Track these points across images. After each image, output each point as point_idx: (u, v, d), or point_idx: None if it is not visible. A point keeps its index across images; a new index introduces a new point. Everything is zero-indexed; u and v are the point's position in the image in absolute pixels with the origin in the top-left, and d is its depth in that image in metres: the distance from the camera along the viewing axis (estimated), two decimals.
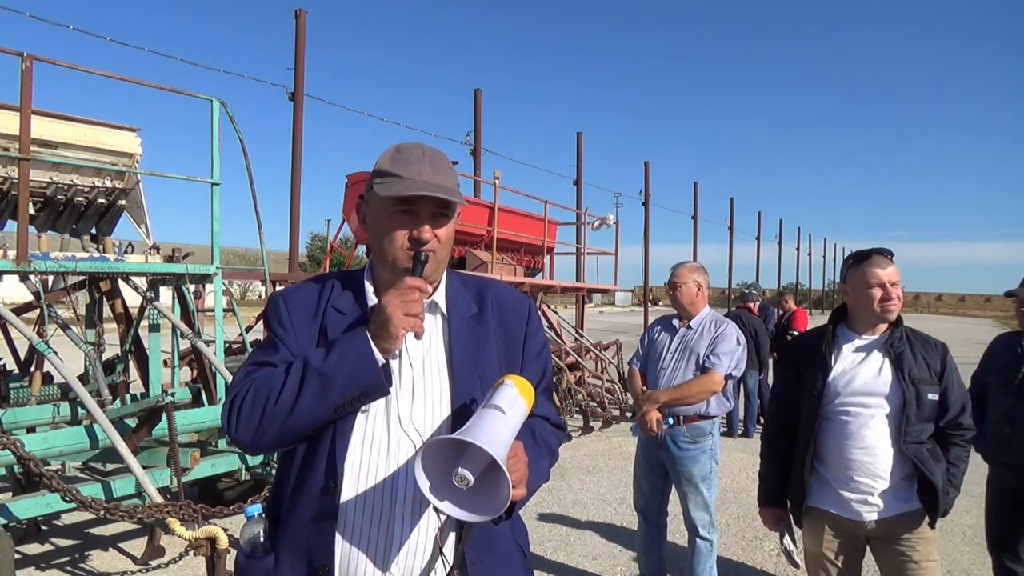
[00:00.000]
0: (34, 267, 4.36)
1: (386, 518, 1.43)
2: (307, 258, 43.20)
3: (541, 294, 11.40)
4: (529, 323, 1.65)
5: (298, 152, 10.64)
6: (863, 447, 2.55)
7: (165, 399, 4.31)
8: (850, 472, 2.57)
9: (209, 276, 5.26)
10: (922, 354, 2.60)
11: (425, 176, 1.45)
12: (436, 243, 1.49)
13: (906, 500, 2.56)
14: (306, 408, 1.39)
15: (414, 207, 1.47)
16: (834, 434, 2.60)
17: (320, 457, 1.45)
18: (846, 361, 2.64)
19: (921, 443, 2.54)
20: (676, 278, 3.92)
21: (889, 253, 2.64)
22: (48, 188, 5.03)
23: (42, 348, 4.37)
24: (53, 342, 4.54)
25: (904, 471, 2.55)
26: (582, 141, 19.96)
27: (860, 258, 2.65)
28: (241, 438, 1.44)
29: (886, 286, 2.56)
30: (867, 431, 2.55)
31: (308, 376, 1.39)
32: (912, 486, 2.56)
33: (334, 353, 1.41)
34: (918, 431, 2.54)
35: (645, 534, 4.05)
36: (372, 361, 1.39)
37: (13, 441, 3.62)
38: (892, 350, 2.59)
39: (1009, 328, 3.94)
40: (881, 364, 2.59)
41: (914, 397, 2.52)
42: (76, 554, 4.85)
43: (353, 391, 1.39)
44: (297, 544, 1.47)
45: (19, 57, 4.21)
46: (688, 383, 3.72)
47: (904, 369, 2.55)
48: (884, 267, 2.58)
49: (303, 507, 1.46)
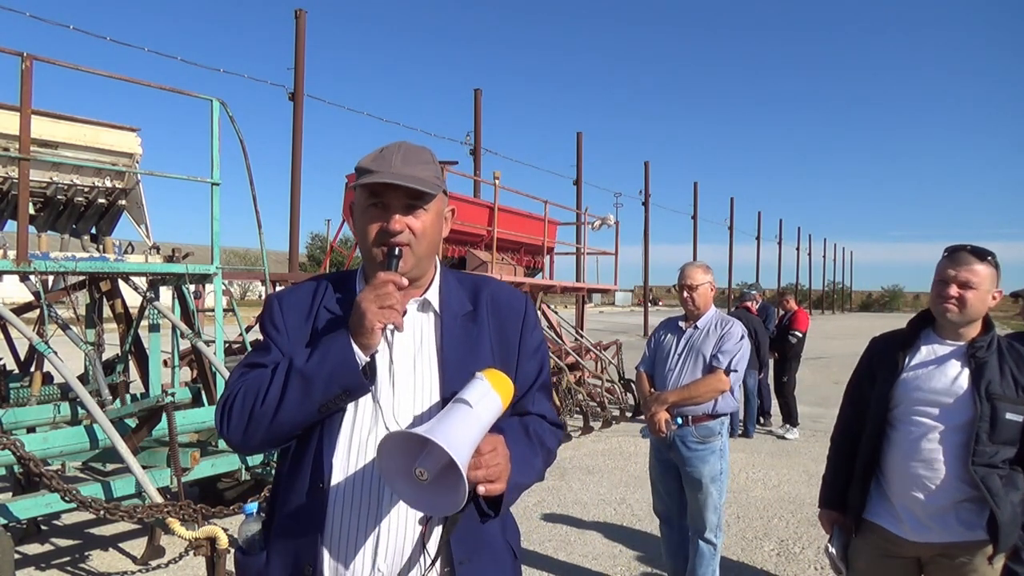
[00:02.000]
0: (34, 267, 4.36)
1: (373, 516, 1.44)
2: (307, 258, 43.22)
3: (541, 294, 11.40)
4: (525, 320, 1.64)
5: (298, 152, 10.65)
6: (922, 460, 2.33)
7: (165, 399, 4.31)
8: (907, 486, 2.36)
9: (209, 276, 5.26)
10: (1012, 369, 2.32)
11: (395, 168, 1.47)
12: (409, 234, 1.49)
13: (969, 527, 2.31)
14: (291, 408, 1.40)
15: (384, 199, 1.49)
16: (896, 443, 2.40)
17: (308, 456, 1.47)
18: (920, 366, 2.41)
19: (993, 467, 2.27)
20: (689, 279, 3.85)
21: (983, 253, 2.35)
22: (48, 188, 5.03)
23: (42, 348, 4.37)
24: (53, 342, 4.54)
25: (967, 493, 2.29)
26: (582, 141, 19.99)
27: (946, 253, 2.41)
28: (232, 438, 1.46)
29: (949, 283, 2.32)
30: (927, 443, 2.33)
31: (291, 377, 1.41)
32: (981, 512, 2.29)
33: (316, 353, 1.42)
34: (990, 452, 2.27)
35: (668, 538, 4.04)
36: (352, 360, 1.39)
37: (13, 441, 3.62)
38: (974, 359, 2.32)
39: (1010, 328, 3.92)
40: (958, 373, 2.34)
41: (988, 414, 2.26)
42: (76, 554, 4.85)
43: (334, 390, 1.39)
44: (286, 542, 1.48)
45: (19, 57, 4.21)
46: (696, 383, 3.72)
47: (982, 382, 2.29)
48: (959, 264, 2.32)
49: (293, 505, 1.48)
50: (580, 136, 20.13)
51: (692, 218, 29.83)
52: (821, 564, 4.75)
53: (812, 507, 5.15)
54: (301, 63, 10.68)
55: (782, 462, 7.65)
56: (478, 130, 15.60)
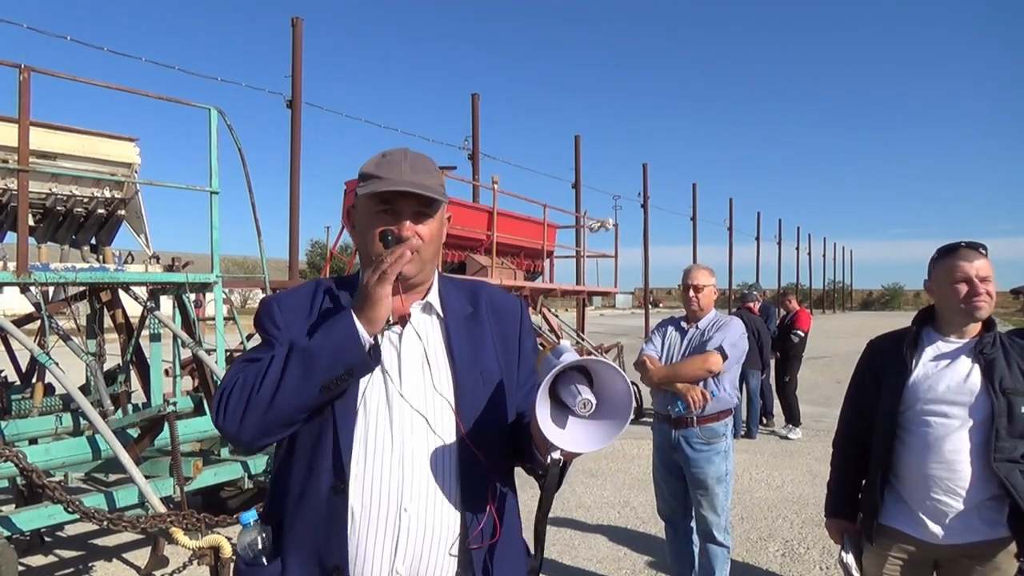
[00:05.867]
0: (34, 278, 4.36)
1: (394, 515, 1.44)
2: (307, 265, 43.19)
3: (542, 298, 11.40)
4: (523, 323, 1.69)
5: (297, 159, 10.66)
6: (942, 461, 2.29)
7: (167, 408, 4.31)
8: (927, 488, 2.32)
9: (209, 285, 5.26)
10: (1018, 362, 2.33)
11: (405, 175, 1.48)
12: (419, 241, 1.50)
13: (991, 525, 2.29)
14: (291, 388, 1.39)
15: (394, 206, 1.50)
16: (911, 445, 2.36)
17: (325, 457, 1.46)
18: (929, 366, 2.38)
19: (1016, 462, 2.26)
20: (695, 280, 3.89)
21: (980, 247, 2.36)
22: (47, 199, 5.03)
23: (43, 359, 4.37)
24: (54, 353, 4.54)
25: (990, 491, 2.27)
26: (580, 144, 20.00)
27: (946, 252, 2.39)
28: (228, 427, 1.43)
29: (973, 281, 2.29)
30: (947, 443, 2.29)
31: (292, 357, 1.40)
32: (1002, 509, 2.27)
33: (319, 333, 1.43)
34: (1010, 447, 2.25)
35: (674, 540, 4.04)
36: (356, 336, 1.39)
37: (15, 453, 3.62)
38: (983, 356, 2.32)
39: (1011, 324, 3.92)
40: (969, 370, 2.32)
41: (1004, 409, 2.25)
42: (80, 565, 4.84)
43: (337, 369, 1.39)
44: (306, 547, 1.47)
45: (17, 68, 4.22)
46: (684, 361, 3.78)
47: (995, 377, 2.28)
48: (972, 260, 2.31)
49: (311, 509, 1.46)
50: (578, 139, 20.15)
51: (691, 219, 29.79)
52: (826, 564, 4.74)
53: (816, 507, 5.14)
54: (298, 71, 10.69)
55: (785, 462, 7.65)
56: (476, 134, 15.60)
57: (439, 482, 1.47)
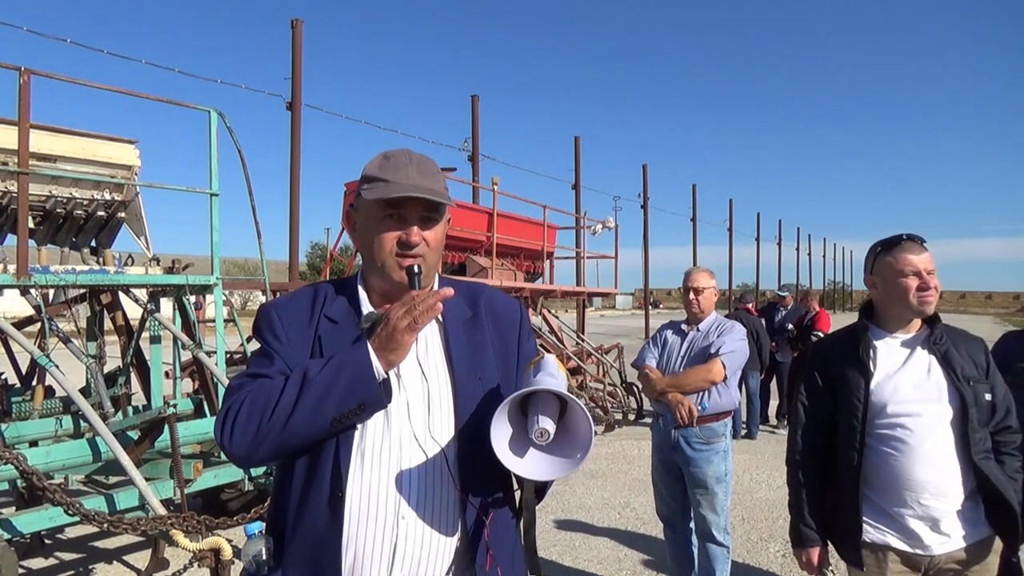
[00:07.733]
0: (34, 281, 4.36)
1: (391, 526, 1.43)
2: (307, 267, 43.19)
3: (542, 299, 11.40)
4: (522, 326, 1.68)
5: (296, 161, 10.67)
6: (927, 464, 2.17)
7: (167, 411, 4.31)
8: (914, 495, 2.18)
9: (209, 287, 5.27)
10: (966, 350, 2.27)
11: (412, 180, 1.47)
12: (425, 247, 1.50)
13: (975, 525, 2.20)
14: (302, 420, 1.37)
15: (402, 210, 1.48)
16: (888, 453, 2.21)
17: (324, 467, 1.44)
18: (886, 365, 2.26)
19: (988, 451, 2.19)
20: (696, 282, 3.90)
21: (921, 239, 2.29)
22: (47, 202, 5.04)
23: (44, 362, 4.37)
24: (54, 355, 4.54)
25: (969, 488, 2.18)
26: (580, 145, 20.02)
27: (889, 245, 2.30)
28: (236, 451, 1.41)
29: (922, 274, 2.22)
30: (928, 444, 2.17)
31: (305, 387, 1.38)
32: (979, 507, 2.20)
33: (332, 365, 1.40)
34: (982, 438, 2.19)
35: (673, 541, 4.04)
36: (371, 373, 1.38)
37: (16, 455, 3.62)
38: (937, 348, 2.24)
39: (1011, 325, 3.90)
40: (928, 365, 2.24)
41: (973, 399, 2.18)
42: (80, 568, 4.84)
43: (350, 404, 1.37)
44: (304, 557, 1.46)
45: (17, 71, 4.22)
46: (687, 372, 3.77)
47: (956, 367, 2.21)
48: (918, 253, 2.24)
49: (309, 519, 1.45)
50: (578, 140, 20.17)
51: (691, 220, 29.83)
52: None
53: None
54: (298, 73, 10.71)
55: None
56: (476, 136, 15.62)
57: (436, 490, 1.46)
